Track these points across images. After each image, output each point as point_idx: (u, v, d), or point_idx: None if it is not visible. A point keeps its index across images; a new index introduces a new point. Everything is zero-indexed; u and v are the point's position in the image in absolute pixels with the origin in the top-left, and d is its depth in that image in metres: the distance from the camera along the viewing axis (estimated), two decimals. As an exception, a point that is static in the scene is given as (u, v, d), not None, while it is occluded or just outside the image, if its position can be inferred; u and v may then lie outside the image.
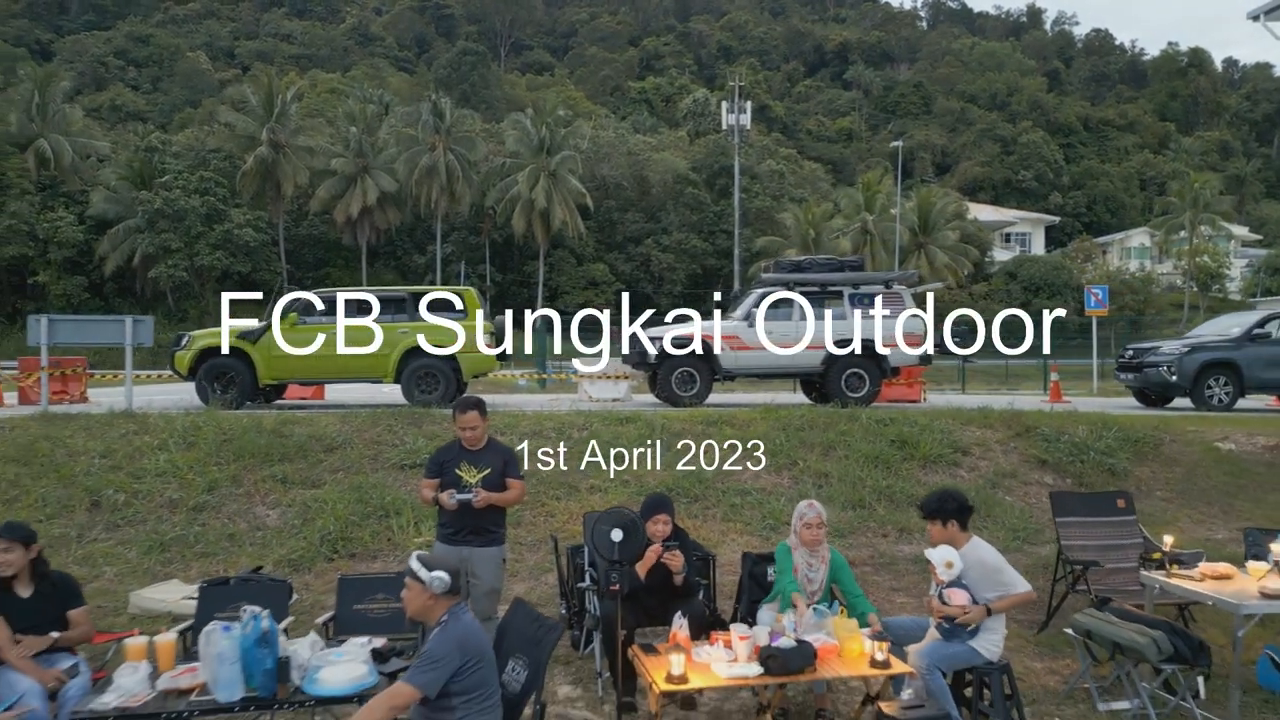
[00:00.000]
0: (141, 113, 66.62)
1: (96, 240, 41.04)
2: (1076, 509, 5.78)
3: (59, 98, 44.06)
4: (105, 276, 41.67)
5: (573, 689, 4.88)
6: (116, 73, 71.63)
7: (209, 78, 70.66)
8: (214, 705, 3.50)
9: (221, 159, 43.38)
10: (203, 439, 8.80)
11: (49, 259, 40.68)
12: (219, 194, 41.42)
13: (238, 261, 41.33)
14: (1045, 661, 5.26)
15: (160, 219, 39.72)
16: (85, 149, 44.49)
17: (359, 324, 11.80)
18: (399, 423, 9.66)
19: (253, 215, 42.01)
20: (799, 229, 44.68)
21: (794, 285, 12.89)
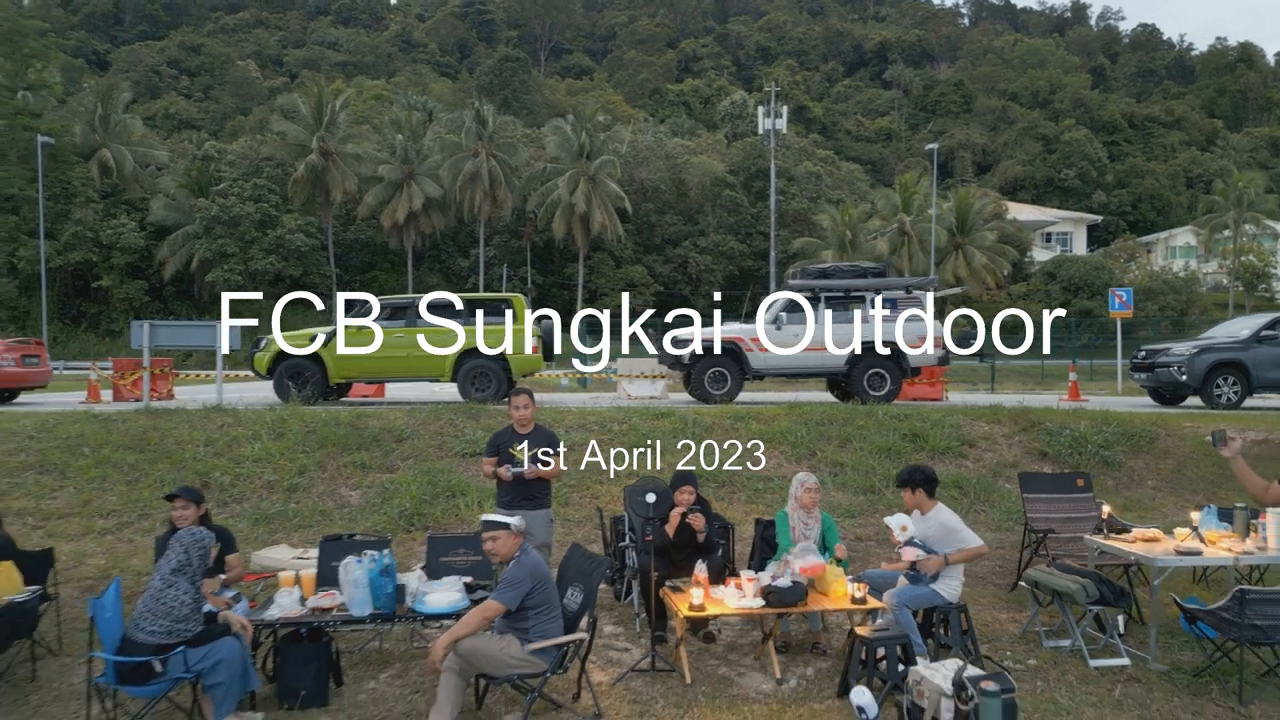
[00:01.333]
0: (194, 120, 69.34)
1: (156, 246, 43.24)
2: (1042, 487, 6.81)
3: (120, 109, 46.37)
4: (164, 281, 43.88)
5: (615, 628, 6.05)
6: (170, 81, 74.44)
7: (258, 85, 73.22)
8: (350, 618, 4.74)
9: (274, 167, 45.32)
10: (289, 430, 10.13)
11: (112, 264, 42.93)
12: (271, 200, 43.34)
13: (290, 265, 43.21)
14: (1009, 613, 6.31)
15: (216, 225, 41.74)
16: (145, 158, 46.82)
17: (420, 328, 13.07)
18: (459, 416, 10.93)
19: (303, 221, 43.88)
20: (835, 230, 45.42)
21: (820, 290, 13.94)
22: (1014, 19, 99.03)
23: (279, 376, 12.84)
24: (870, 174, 65.26)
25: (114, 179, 44.78)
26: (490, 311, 13.30)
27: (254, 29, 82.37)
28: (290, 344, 12.94)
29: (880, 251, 46.12)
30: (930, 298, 14.22)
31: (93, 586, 6.78)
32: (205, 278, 42.83)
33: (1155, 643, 5.33)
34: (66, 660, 5.44)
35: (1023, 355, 34.05)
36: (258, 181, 43.70)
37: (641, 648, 5.56)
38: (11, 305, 42.56)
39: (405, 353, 13.01)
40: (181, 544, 4.43)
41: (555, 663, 4.42)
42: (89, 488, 8.87)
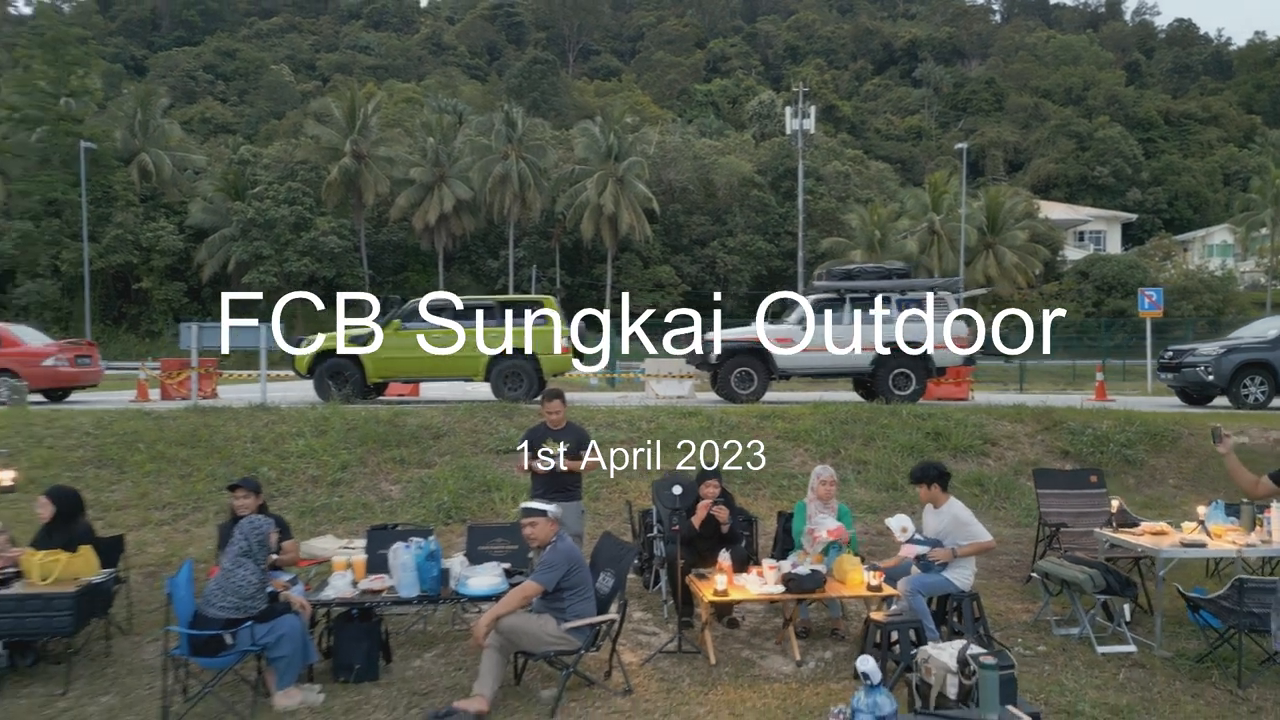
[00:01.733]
0: (229, 124, 70.64)
1: (194, 248, 44.28)
2: (1056, 483, 7.05)
3: (158, 114, 47.52)
4: (202, 282, 44.86)
5: (644, 614, 6.39)
6: (206, 86, 75.90)
7: (292, 90, 74.41)
8: (399, 599, 5.14)
9: (308, 170, 46.20)
10: (332, 428, 10.59)
11: (152, 266, 44.01)
12: (306, 203, 44.19)
13: (323, 267, 44.05)
14: (1023, 604, 6.58)
15: (252, 228, 42.63)
16: (183, 162, 47.94)
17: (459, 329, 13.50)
18: (492, 415, 11.35)
19: (337, 223, 44.73)
20: (864, 230, 45.45)
21: (845, 291, 14.20)
22: (1047, 15, 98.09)
23: (319, 376, 13.33)
24: (900, 173, 65.04)
25: (153, 183, 45.88)
26: (524, 311, 13.70)
27: (287, 33, 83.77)
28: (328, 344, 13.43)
29: (910, 251, 46.05)
30: (954, 299, 14.39)
31: (154, 572, 7.25)
32: (242, 279, 43.71)
33: (1161, 631, 5.58)
34: (136, 638, 5.89)
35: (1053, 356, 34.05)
36: (292, 185, 44.57)
37: (669, 632, 5.91)
38: (55, 306, 43.78)
39: (434, 355, 13.44)
40: (243, 531, 4.84)
41: (588, 641, 4.78)
42: (145, 481, 9.38)
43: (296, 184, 44.70)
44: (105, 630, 5.69)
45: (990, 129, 70.45)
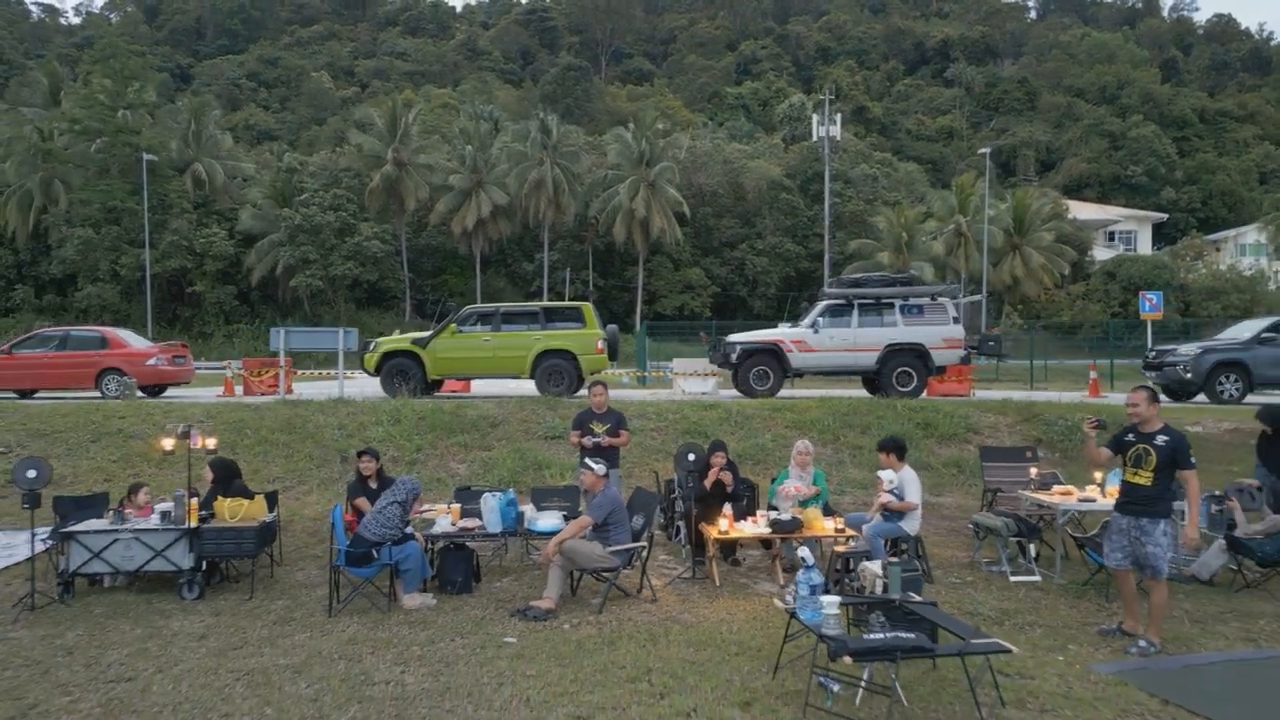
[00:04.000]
0: (272, 130, 73.71)
1: (244, 253, 46.91)
2: (998, 458, 8.86)
3: (210, 125, 50.32)
4: (252, 285, 47.52)
5: (667, 557, 8.32)
6: (249, 94, 79.07)
7: (331, 96, 77.36)
8: (487, 534, 7.13)
9: (351, 177, 48.71)
10: (405, 417, 12.64)
11: (204, 270, 46.68)
12: (349, 209, 46.64)
13: (366, 270, 46.52)
14: (965, 552, 8.42)
15: (299, 233, 45.13)
16: (233, 170, 50.69)
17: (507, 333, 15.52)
18: (540, 407, 13.34)
19: (379, 228, 47.15)
20: (891, 232, 46.96)
21: (853, 297, 16.01)
22: (1083, 11, 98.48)
23: (386, 374, 15.41)
24: (931, 173, 66.31)
25: (206, 191, 48.63)
26: (564, 318, 15.70)
27: (326, 41, 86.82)
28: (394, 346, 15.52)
29: (936, 253, 47.46)
30: (952, 304, 16.15)
31: (283, 527, 9.31)
32: (289, 282, 46.34)
33: (1059, 565, 7.41)
34: (288, 567, 7.93)
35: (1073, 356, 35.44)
36: (337, 192, 47.04)
37: (686, 568, 7.83)
38: (114, 309, 46.55)
39: (490, 353, 15.48)
40: (403, 484, 6.86)
41: (625, 561, 6.72)
42: (255, 460, 11.47)
43: (341, 191, 47.17)
44: (270, 557, 7.73)
45: (1022, 129, 71.45)
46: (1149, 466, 5.85)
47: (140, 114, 48.91)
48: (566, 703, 4.87)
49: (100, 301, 45.78)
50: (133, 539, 6.83)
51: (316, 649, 5.81)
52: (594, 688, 5.07)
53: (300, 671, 5.41)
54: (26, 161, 45.96)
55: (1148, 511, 5.82)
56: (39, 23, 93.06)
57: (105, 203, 46.02)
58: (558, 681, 5.17)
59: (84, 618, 6.58)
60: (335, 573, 6.64)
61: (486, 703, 4.90)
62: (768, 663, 5.40)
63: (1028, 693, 5.03)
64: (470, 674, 5.32)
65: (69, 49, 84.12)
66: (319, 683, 5.22)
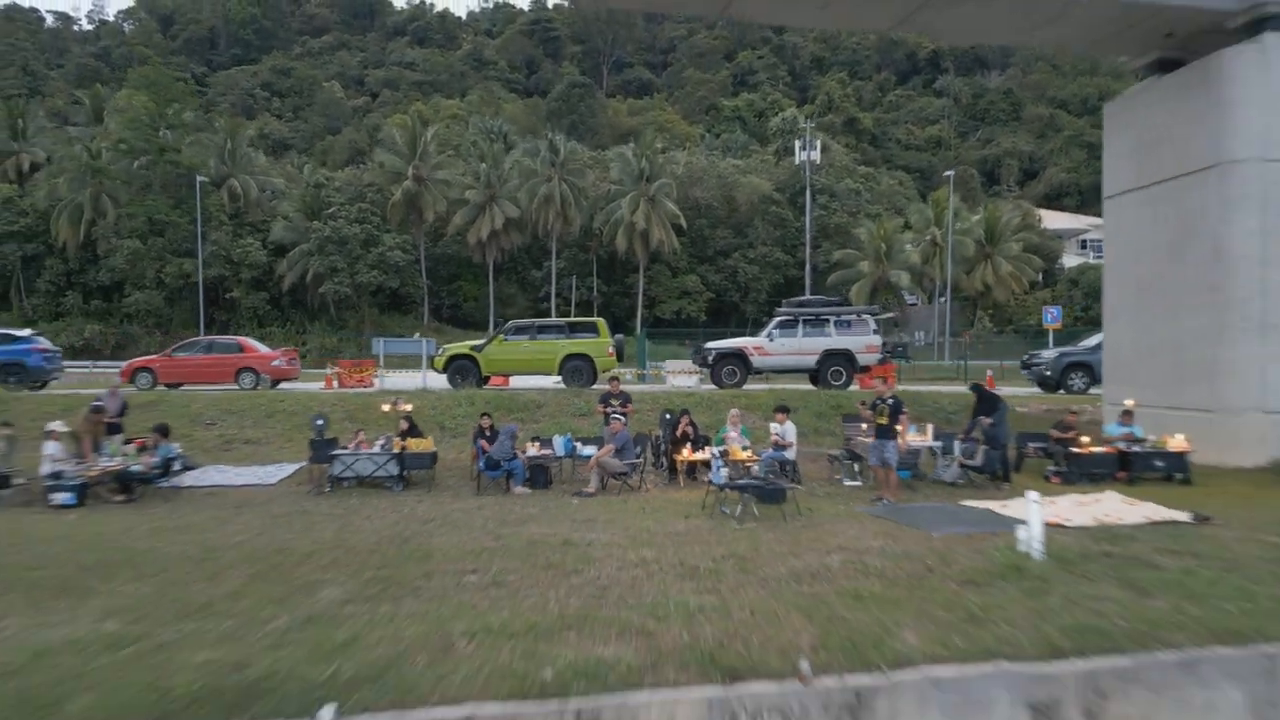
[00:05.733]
0: (287, 139, 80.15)
1: (276, 262, 53.33)
2: (851, 420, 15.19)
3: (244, 143, 56.79)
4: (283, 291, 53.95)
5: (656, 476, 14.70)
6: (263, 103, 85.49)
7: (343, 105, 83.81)
8: (557, 456, 13.53)
9: (374, 192, 55.16)
10: (475, 401, 19.03)
11: (240, 278, 53.10)
12: (373, 222, 53.10)
13: (389, 278, 52.96)
14: (828, 474, 14.81)
15: (328, 244, 51.54)
16: (264, 184, 57.16)
17: (541, 341, 21.93)
18: (569, 396, 19.74)
19: (400, 239, 53.60)
20: (872, 243, 53.41)
21: (800, 314, 22.41)
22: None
23: (452, 371, 21.78)
24: (919, 182, 72.74)
25: (240, 204, 55.05)
26: (583, 331, 22.11)
27: (337, 51, 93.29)
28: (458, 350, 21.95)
29: (913, 262, 53.94)
30: (872, 320, 22.55)
31: (419, 464, 15.69)
32: (318, 289, 52.77)
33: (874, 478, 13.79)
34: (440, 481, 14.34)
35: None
36: (361, 205, 53.52)
37: (664, 478, 14.20)
38: (157, 313, 52.97)
39: (529, 356, 21.87)
40: (508, 429, 13.25)
41: (632, 469, 13.13)
42: (377, 429, 17.85)
43: (365, 205, 53.65)
44: (430, 475, 14.12)
45: (1006, 139, 77.88)
46: (883, 415, 12.23)
47: (179, 133, 55.37)
48: (599, 517, 11.24)
49: (146, 306, 52.10)
50: (366, 458, 13.20)
51: (472, 507, 12.16)
52: (613, 514, 11.44)
53: (467, 515, 11.75)
54: (77, 178, 52.25)
55: (884, 435, 12.22)
56: (55, 30, 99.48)
57: (150, 216, 52.39)
58: (595, 514, 11.53)
59: (343, 498, 12.95)
60: (479, 475, 13.04)
61: (562, 518, 11.26)
62: (698, 506, 11.77)
63: (819, 515, 11.40)
64: (552, 512, 11.69)
65: (87, 58, 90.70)
66: (480, 517, 11.57)
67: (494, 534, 10.06)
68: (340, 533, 10.32)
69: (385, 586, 7.68)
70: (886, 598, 7.19)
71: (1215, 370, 14.77)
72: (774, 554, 8.78)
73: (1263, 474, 13.85)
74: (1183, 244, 15.38)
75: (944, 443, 14.01)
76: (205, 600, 7.28)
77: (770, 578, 7.85)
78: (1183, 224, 15.38)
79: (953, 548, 8.95)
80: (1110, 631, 6.51)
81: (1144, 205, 16.47)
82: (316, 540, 9.77)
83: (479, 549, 9.13)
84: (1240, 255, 14.38)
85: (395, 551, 9.08)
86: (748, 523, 10.73)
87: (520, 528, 10.45)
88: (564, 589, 7.53)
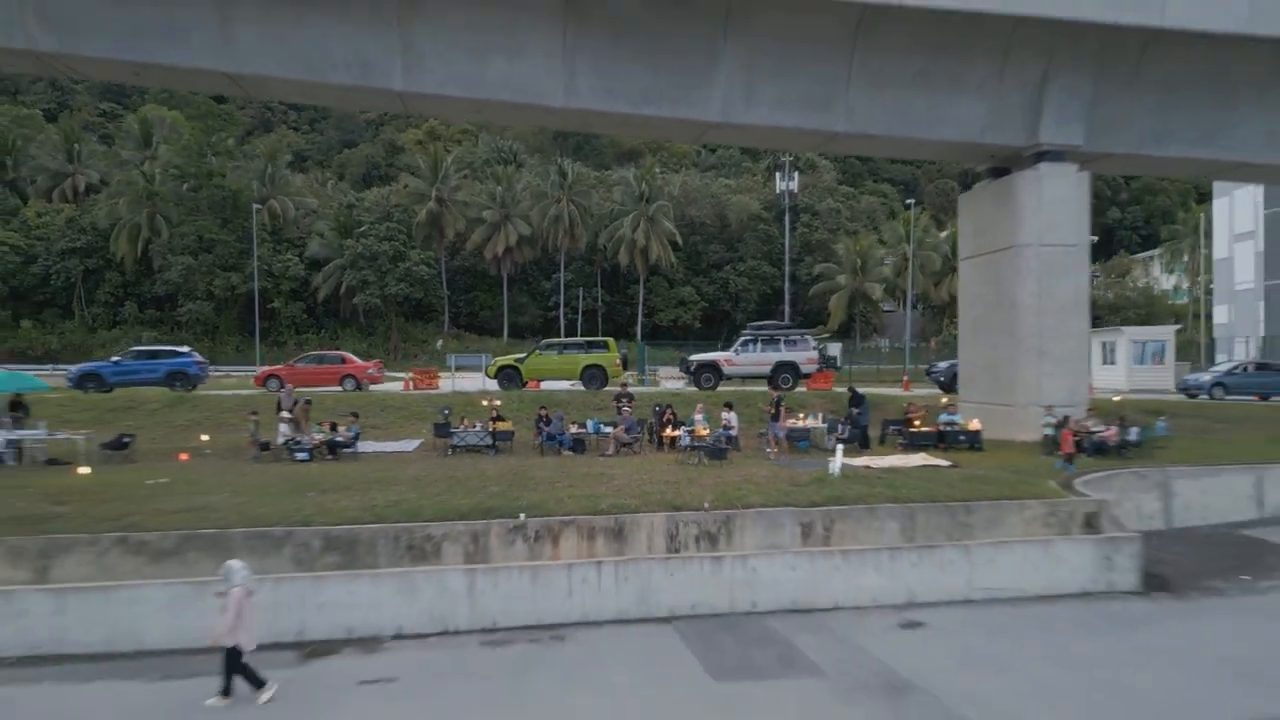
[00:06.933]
0: (304, 151, 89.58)
1: (312, 275, 62.89)
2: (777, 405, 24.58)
3: (283, 166, 66.35)
4: (318, 302, 63.54)
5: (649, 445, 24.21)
6: (280, 116, 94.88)
7: (357, 119, 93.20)
8: (587, 433, 23.05)
9: (401, 212, 64.73)
10: (524, 398, 28.58)
11: (279, 290, 62.68)
12: (400, 239, 62.64)
13: (414, 290, 62.50)
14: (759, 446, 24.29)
15: (359, 260, 61.09)
16: (300, 204, 66.74)
17: (566, 354, 31.49)
18: (587, 395, 29.31)
19: (424, 255, 63.16)
20: (849, 258, 62.97)
21: (758, 335, 31.95)
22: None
23: (501, 377, 31.29)
24: (902, 193, 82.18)
25: (279, 222, 64.64)
26: (598, 347, 31.69)
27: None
28: (505, 361, 31.52)
29: (886, 275, 63.48)
30: (813, 340, 32.09)
31: (494, 441, 25.24)
32: (351, 300, 62.35)
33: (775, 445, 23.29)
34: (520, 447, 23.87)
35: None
36: (389, 224, 63.08)
37: (653, 448, 23.69)
38: (207, 322, 62.55)
39: (558, 365, 31.42)
40: (558, 416, 22.78)
41: (635, 440, 22.65)
42: (465, 413, 27.34)
43: (393, 224, 63.21)
44: (511, 445, 23.60)
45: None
46: (774, 409, 21.72)
47: (222, 159, 64.95)
48: (615, 466, 20.69)
49: (197, 316, 61.71)
50: (473, 434, 22.67)
51: (537, 465, 21.59)
52: (624, 464, 20.87)
53: (541, 465, 21.17)
54: (135, 200, 61.80)
55: (775, 420, 21.69)
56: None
57: (200, 235, 61.96)
58: (613, 464, 20.96)
59: (460, 457, 22.37)
60: (541, 445, 22.57)
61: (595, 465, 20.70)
62: (674, 461, 21.23)
63: (742, 466, 20.83)
64: (588, 463, 21.13)
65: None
66: (548, 465, 20.99)
67: (560, 470, 19.54)
68: (477, 469, 19.79)
69: (521, 484, 17.20)
70: (752, 487, 16.72)
71: (1013, 381, 24.22)
72: (709, 477, 18.27)
73: (1033, 445, 23.24)
74: (996, 298, 24.85)
75: (829, 424, 23.46)
76: (445, 490, 16.78)
77: (704, 484, 17.35)
78: (996, 285, 24.86)
79: (798, 474, 18.45)
80: (844, 499, 16.06)
81: (977, 269, 25.97)
82: (467, 472, 19.23)
83: (555, 476, 18.59)
84: (1025, 307, 23.81)
85: (514, 477, 18.54)
86: (700, 466, 20.23)
87: (574, 469, 19.92)
88: (602, 487, 17.03)
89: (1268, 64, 23.00)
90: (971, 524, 15.97)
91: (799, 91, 22.40)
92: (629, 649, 12.65)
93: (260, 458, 21.44)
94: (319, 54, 20.59)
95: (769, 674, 11.70)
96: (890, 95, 22.74)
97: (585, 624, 13.49)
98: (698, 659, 12.18)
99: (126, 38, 19.88)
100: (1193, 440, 24.33)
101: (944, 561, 14.75)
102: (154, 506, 15.13)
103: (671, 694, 11.11)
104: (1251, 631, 13.48)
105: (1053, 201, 23.53)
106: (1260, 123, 24.08)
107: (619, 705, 10.78)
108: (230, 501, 15.66)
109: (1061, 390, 23.52)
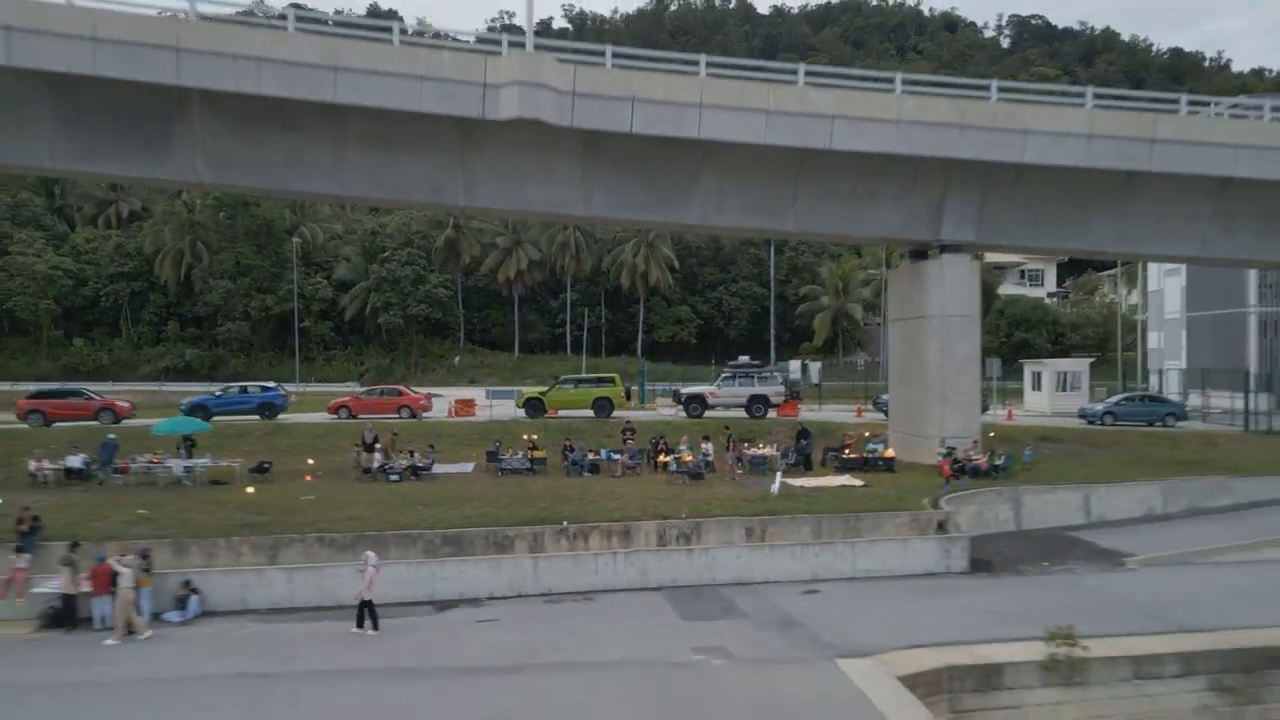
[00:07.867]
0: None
1: (340, 296, 72.14)
2: (728, 439, 33.71)
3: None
4: (345, 322, 72.80)
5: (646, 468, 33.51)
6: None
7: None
8: (603, 458, 32.37)
9: (421, 238, 73.94)
10: (549, 426, 37.89)
11: (310, 310, 71.91)
12: (420, 264, 71.85)
13: (434, 311, 71.76)
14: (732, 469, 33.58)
15: (383, 283, 70.32)
16: (328, 230, 75.93)
17: (580, 388, 40.85)
18: (598, 423, 38.64)
19: (443, 278, 72.39)
20: (831, 280, 72.18)
21: (736, 372, 41.28)
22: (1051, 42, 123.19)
23: (528, 407, 40.56)
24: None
25: (309, 247, 73.82)
26: (605, 381, 41.05)
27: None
28: (531, 393, 40.87)
29: (866, 296, 72.63)
30: (783, 375, 41.37)
31: (528, 462, 34.51)
32: (376, 320, 71.60)
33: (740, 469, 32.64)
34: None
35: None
36: (410, 250, 72.29)
37: (650, 470, 32.96)
38: (244, 340, 71.72)
39: (573, 397, 40.75)
40: (580, 446, 32.10)
41: (636, 464, 31.95)
42: (506, 437, 36.65)
43: (414, 250, 72.41)
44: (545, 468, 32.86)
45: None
46: (733, 439, 30.97)
47: (257, 188, 73.96)
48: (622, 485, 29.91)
49: (235, 335, 70.87)
50: (515, 459, 31.86)
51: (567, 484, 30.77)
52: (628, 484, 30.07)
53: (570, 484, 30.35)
54: (178, 228, 70.89)
55: (737, 449, 30.94)
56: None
57: (238, 260, 71.11)
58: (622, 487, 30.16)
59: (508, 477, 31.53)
60: (568, 469, 31.81)
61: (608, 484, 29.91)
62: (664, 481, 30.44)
63: (715, 485, 30.04)
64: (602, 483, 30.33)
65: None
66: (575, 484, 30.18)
67: (584, 489, 28.73)
68: (523, 487, 28.97)
69: (559, 500, 26.49)
70: (716, 502, 26.05)
71: (924, 417, 33.43)
72: (689, 494, 27.51)
73: (932, 467, 32.35)
74: (912, 353, 34.08)
75: (781, 451, 32.70)
76: (508, 505, 26.07)
77: (684, 499, 26.61)
78: (913, 343, 34.07)
79: (749, 493, 27.69)
80: (776, 511, 25.40)
81: (900, 329, 35.22)
82: (519, 491, 28.39)
83: (582, 494, 27.78)
84: (932, 362, 32.97)
85: (553, 495, 27.72)
86: (684, 485, 29.44)
87: (594, 488, 29.13)
88: (614, 503, 26.32)
89: (1109, 184, 32.20)
90: (860, 528, 25.24)
91: (758, 204, 31.61)
92: (633, 605, 21.92)
93: (362, 479, 30.68)
94: (405, 182, 29.72)
95: (716, 617, 20.95)
96: (828, 205, 31.94)
97: (606, 591, 22.74)
98: (675, 610, 21.42)
99: (266, 172, 29.09)
100: (1060, 463, 33.69)
101: (837, 552, 24.02)
102: (329, 516, 24.45)
103: (657, 626, 20.39)
104: (1021, 595, 22.70)
105: (952, 282, 32.70)
106: (1109, 223, 33.38)
107: (629, 630, 20.05)
108: (368, 513, 24.97)
109: (958, 425, 32.73)
